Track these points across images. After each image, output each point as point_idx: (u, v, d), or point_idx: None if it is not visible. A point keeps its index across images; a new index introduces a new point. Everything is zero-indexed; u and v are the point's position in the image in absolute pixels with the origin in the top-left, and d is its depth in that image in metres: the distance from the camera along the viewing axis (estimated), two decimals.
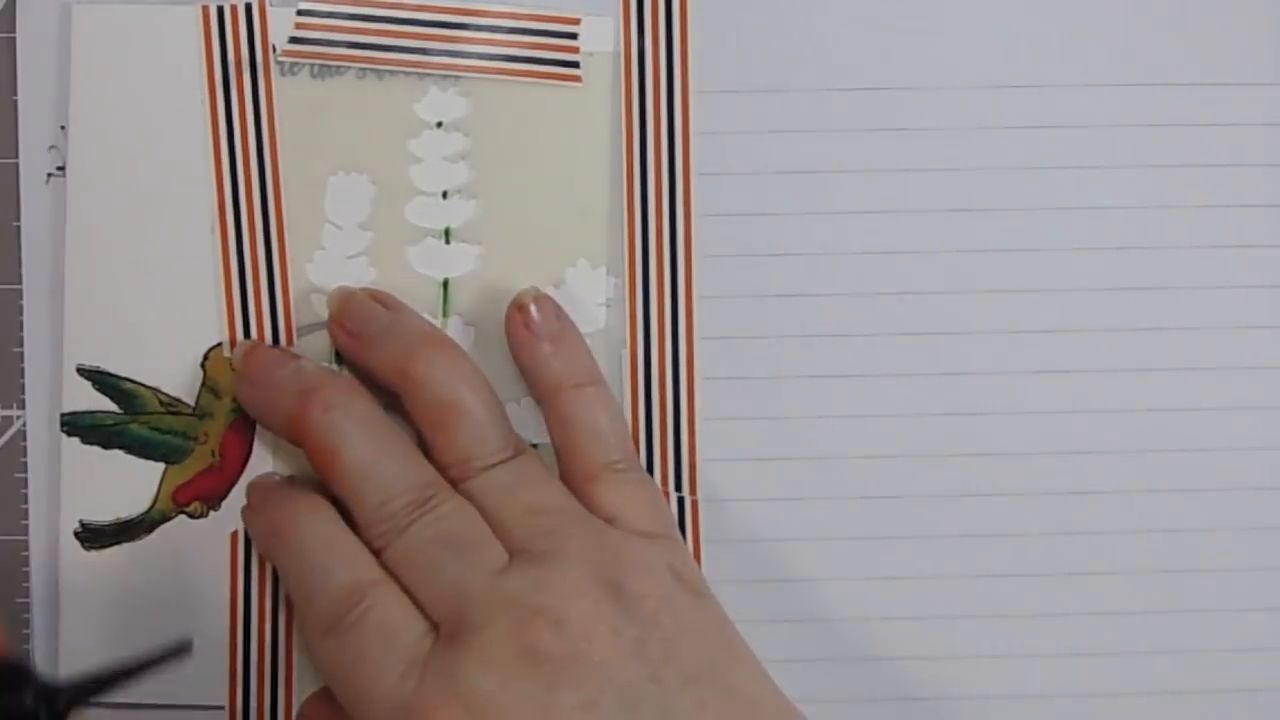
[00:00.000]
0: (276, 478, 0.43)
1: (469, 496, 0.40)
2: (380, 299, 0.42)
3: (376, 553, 0.39)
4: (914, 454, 0.43)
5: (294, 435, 0.41)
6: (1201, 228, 0.43)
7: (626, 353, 0.43)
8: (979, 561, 0.43)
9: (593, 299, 0.43)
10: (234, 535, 0.43)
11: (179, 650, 0.39)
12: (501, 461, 0.40)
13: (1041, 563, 0.43)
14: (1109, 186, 0.43)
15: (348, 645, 0.38)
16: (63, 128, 0.43)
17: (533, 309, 0.42)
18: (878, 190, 0.43)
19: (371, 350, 0.42)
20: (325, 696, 0.41)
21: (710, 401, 0.43)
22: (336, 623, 0.38)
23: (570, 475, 0.41)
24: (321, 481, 0.41)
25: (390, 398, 0.41)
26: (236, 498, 0.43)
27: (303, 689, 0.43)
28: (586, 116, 0.43)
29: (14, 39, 0.43)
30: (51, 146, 0.43)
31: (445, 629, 0.38)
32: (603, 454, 0.41)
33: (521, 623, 0.37)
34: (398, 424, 0.41)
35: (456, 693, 0.36)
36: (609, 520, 0.40)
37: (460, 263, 0.43)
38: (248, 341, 0.43)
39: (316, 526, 0.40)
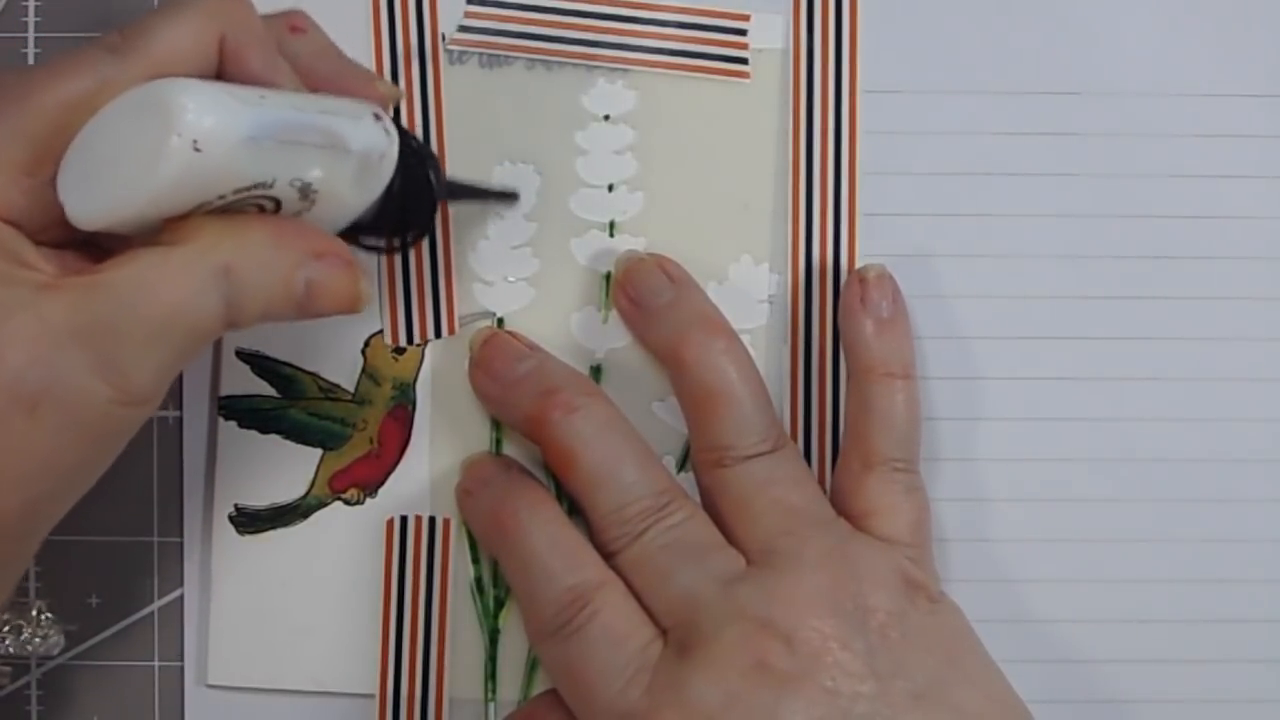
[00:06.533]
0: (492, 459, 0.42)
1: (722, 484, 0.40)
2: (667, 270, 0.42)
3: (609, 556, 0.39)
4: (1071, 458, 0.43)
5: (531, 435, 0.40)
6: None
7: (787, 350, 0.43)
8: (1132, 566, 0.43)
9: (755, 295, 0.43)
10: (389, 523, 0.43)
11: (511, 195, 0.42)
12: (759, 454, 0.40)
13: (1194, 568, 0.43)
14: (1273, 196, 0.43)
15: (572, 649, 0.38)
16: None
17: (872, 285, 0.41)
18: (1041, 194, 0.43)
19: (649, 323, 0.41)
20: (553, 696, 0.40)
21: None
22: (561, 626, 0.38)
23: (849, 459, 0.41)
24: (559, 482, 0.41)
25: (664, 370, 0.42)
26: (393, 485, 0.43)
27: (455, 679, 0.43)
28: (754, 113, 0.43)
29: None
30: None
31: (674, 637, 0.38)
32: (886, 447, 0.40)
33: (751, 636, 0.37)
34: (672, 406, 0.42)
35: (681, 704, 0.36)
36: (863, 515, 0.40)
37: None
38: (486, 329, 0.43)
39: (540, 525, 0.39)
